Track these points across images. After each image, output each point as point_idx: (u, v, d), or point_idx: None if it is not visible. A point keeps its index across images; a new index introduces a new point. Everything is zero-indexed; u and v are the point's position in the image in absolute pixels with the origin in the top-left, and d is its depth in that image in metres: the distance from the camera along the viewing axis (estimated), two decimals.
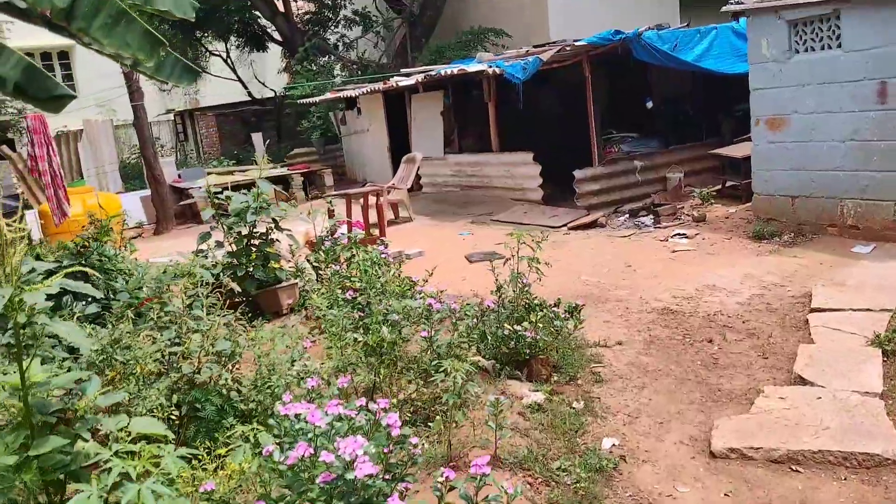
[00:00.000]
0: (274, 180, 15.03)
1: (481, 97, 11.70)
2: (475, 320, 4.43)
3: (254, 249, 5.53)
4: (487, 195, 11.94)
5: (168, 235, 12.79)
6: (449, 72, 11.26)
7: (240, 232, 5.38)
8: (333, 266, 5.40)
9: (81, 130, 14.74)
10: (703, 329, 5.23)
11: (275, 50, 21.35)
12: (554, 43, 11.68)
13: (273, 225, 5.68)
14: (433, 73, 11.73)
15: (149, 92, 15.07)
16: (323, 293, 4.85)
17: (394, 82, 12.92)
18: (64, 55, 21.06)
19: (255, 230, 5.59)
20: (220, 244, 5.50)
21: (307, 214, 6.61)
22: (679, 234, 8.10)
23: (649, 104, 11.01)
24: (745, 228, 7.91)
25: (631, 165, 9.89)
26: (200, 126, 22.36)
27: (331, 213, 6.37)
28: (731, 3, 7.93)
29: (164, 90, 20.63)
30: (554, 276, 6.74)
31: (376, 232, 8.81)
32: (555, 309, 4.56)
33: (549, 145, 11.64)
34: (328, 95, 15.26)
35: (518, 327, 4.20)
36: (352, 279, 4.79)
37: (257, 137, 16.95)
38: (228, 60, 20.77)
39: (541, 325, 4.31)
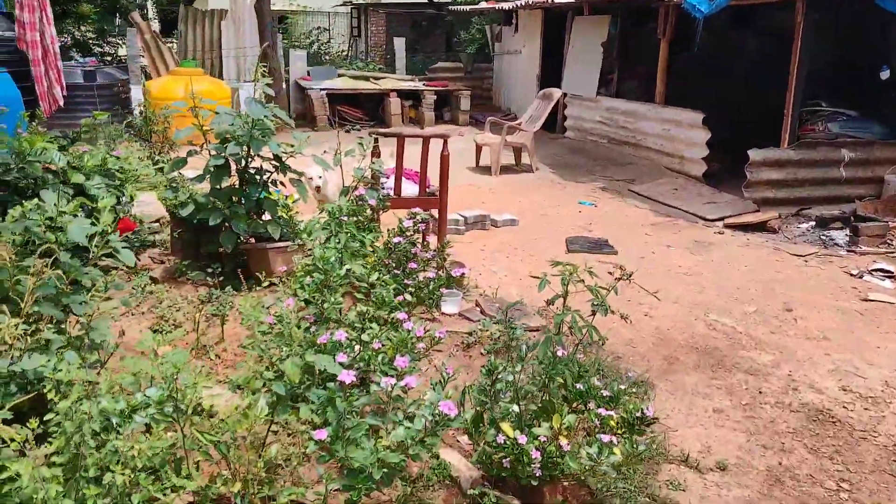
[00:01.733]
0: (405, 94, 13.64)
1: (655, 32, 9.21)
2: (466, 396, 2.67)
3: (236, 192, 4.06)
4: (636, 156, 9.63)
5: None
6: None
7: (218, 165, 3.90)
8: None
9: (226, 11, 14.04)
10: (883, 474, 3.07)
11: None
12: None
13: (276, 163, 4.14)
14: None
15: None
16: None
17: None
18: None
19: (249, 165, 4.09)
20: (201, 177, 4.08)
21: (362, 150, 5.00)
22: (882, 271, 5.56)
23: (885, 74, 7.93)
24: None
25: (835, 154, 7.15)
26: (371, 23, 21.25)
27: (376, 153, 4.72)
28: None
29: None
30: (669, 304, 4.72)
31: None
32: (609, 413, 2.65)
33: (727, 108, 9.02)
34: (483, 5, 13.25)
35: (522, 435, 2.40)
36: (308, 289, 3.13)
37: (399, 43, 15.41)
38: None
39: (567, 436, 2.47)
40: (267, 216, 4.14)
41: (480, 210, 6.64)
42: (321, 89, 12.69)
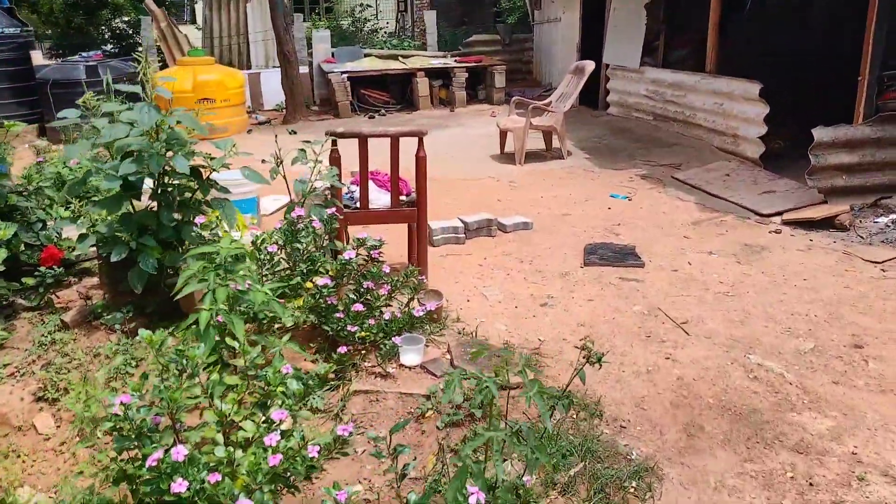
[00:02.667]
0: (434, 73, 12.69)
1: None
2: None
3: (150, 217, 3.31)
4: (685, 134, 8.46)
5: (297, 127, 11.17)
6: None
7: (114, 189, 3.15)
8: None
9: None
10: None
11: None
12: None
13: (194, 179, 3.37)
14: None
15: None
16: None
17: None
18: None
19: (168, 184, 3.34)
20: (103, 202, 3.35)
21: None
22: None
23: None
24: None
25: None
26: None
27: (334, 158, 3.90)
28: None
29: None
30: (700, 340, 3.74)
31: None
32: None
33: (791, 79, 7.77)
34: None
35: None
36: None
37: (430, 16, 14.40)
38: None
39: None
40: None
41: (487, 213, 5.74)
42: (342, 72, 11.90)
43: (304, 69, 13.44)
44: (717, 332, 3.87)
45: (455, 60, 13.01)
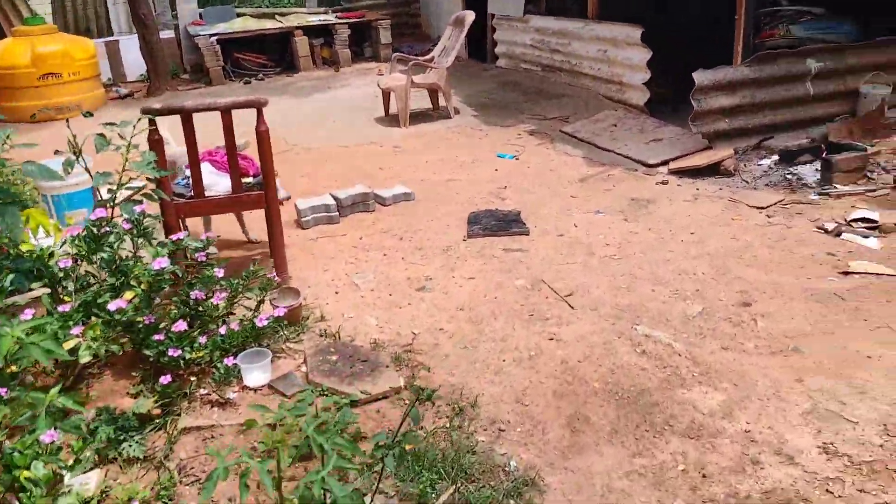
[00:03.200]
0: (315, 31, 11.88)
1: None
2: None
3: None
4: (573, 84, 8.18)
5: (159, 99, 10.16)
6: None
7: None
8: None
9: None
10: None
11: None
12: None
13: None
14: None
15: None
16: None
17: None
18: None
19: None
20: None
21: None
22: (863, 221, 4.34)
23: None
24: None
25: (799, 66, 5.78)
26: None
27: (154, 142, 3.28)
28: None
29: None
30: (586, 314, 3.46)
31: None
32: None
33: (677, 22, 7.61)
34: None
35: None
36: None
37: None
38: None
39: None
40: None
41: (363, 186, 5.25)
42: (211, 35, 10.90)
43: (169, 34, 12.28)
44: (604, 301, 3.60)
45: (337, 17, 12.19)
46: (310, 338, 3.25)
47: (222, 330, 2.78)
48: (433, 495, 2.28)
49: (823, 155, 5.33)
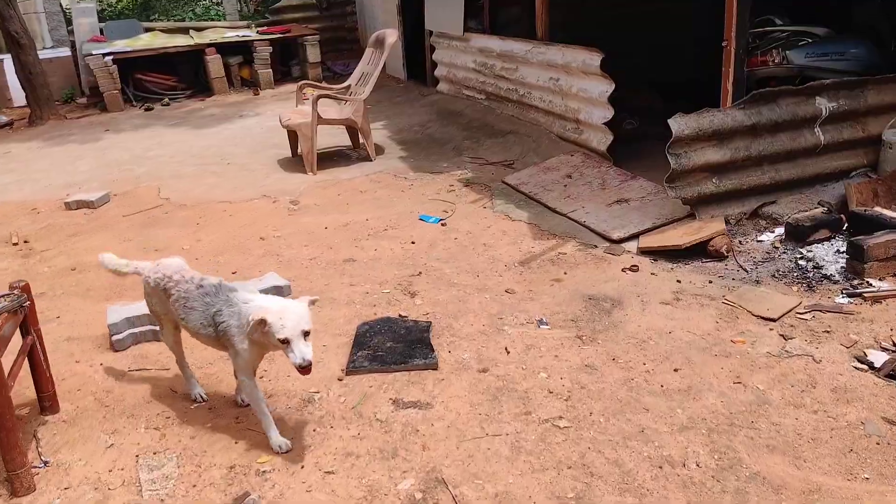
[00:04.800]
0: (233, 49, 10.29)
1: None
2: None
3: None
4: (521, 118, 6.76)
5: (37, 133, 8.49)
6: None
7: None
8: None
9: None
10: None
11: None
12: None
13: None
14: None
15: None
16: None
17: None
18: None
19: None
20: None
21: None
22: None
23: None
24: None
25: (807, 108, 4.40)
26: None
27: None
28: None
29: None
30: None
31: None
32: None
33: (649, 40, 6.32)
34: None
35: None
36: None
37: None
38: None
39: None
40: None
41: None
42: (106, 54, 9.25)
43: (65, 52, 10.62)
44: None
45: (258, 32, 10.66)
46: None
47: None
48: None
49: (845, 228, 3.97)
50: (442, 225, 4.79)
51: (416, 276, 3.99)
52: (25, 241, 4.98)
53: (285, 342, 2.29)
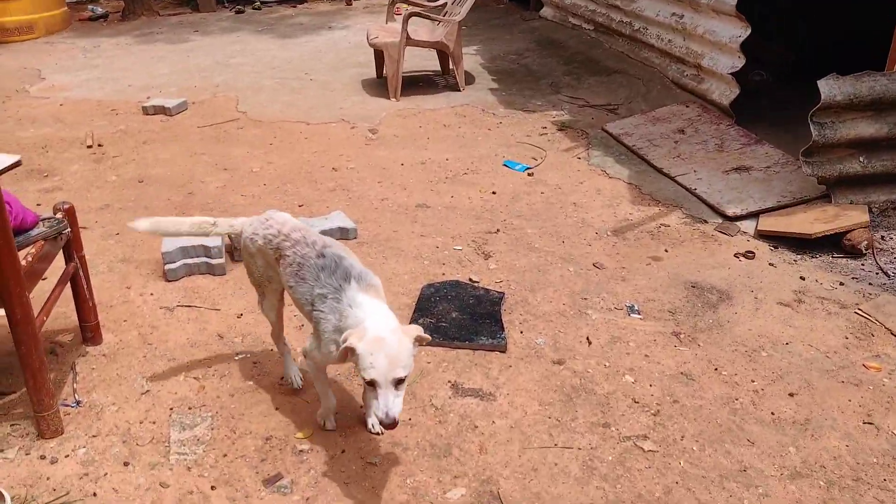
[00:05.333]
0: None
1: None
2: None
3: None
4: (634, 57, 6.04)
5: (128, 28, 8.35)
6: None
7: None
8: None
9: None
10: None
11: None
12: None
13: None
14: None
15: None
16: None
17: None
18: None
19: None
20: None
21: None
22: None
23: None
24: None
25: None
26: None
27: None
28: None
29: None
30: None
31: None
32: None
33: None
34: None
35: None
36: None
37: None
38: None
39: None
40: None
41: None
42: None
43: None
44: None
45: None
46: None
47: None
48: None
49: None
50: (528, 174, 4.31)
51: (493, 234, 3.58)
52: (100, 145, 4.83)
53: (371, 384, 1.82)
